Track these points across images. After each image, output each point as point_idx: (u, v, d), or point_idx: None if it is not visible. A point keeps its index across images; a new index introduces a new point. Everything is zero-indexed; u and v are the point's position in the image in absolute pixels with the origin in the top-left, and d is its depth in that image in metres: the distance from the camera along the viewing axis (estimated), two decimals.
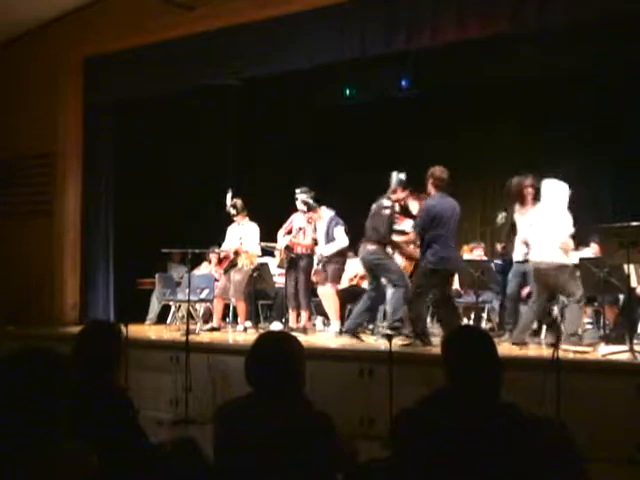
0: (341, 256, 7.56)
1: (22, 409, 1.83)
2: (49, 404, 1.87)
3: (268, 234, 8.20)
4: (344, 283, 8.27)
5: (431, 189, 6.36)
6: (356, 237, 7.60)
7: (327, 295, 7.46)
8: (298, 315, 7.78)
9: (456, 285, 7.73)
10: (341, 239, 7.49)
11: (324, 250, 7.52)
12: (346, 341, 6.82)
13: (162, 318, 8.88)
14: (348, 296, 8.12)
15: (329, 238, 7.49)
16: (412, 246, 7.09)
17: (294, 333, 5.35)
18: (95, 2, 8.68)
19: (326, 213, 7.62)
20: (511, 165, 9.53)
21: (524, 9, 6.37)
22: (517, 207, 6.93)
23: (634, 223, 5.70)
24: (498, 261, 7.90)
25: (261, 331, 6.67)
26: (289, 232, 7.85)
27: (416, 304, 6.29)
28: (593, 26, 7.19)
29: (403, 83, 9.76)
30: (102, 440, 2.17)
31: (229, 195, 8.16)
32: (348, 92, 10.25)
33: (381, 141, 10.07)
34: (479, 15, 6.56)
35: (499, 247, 8.01)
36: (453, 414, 2.17)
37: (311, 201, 7.63)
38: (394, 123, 9.95)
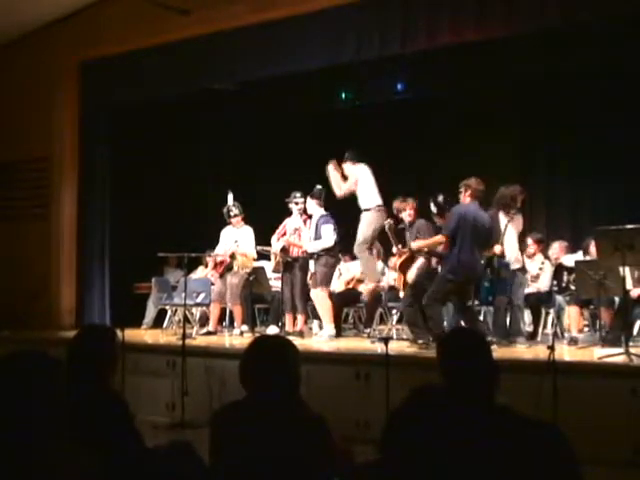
0: (330, 258, 7.43)
1: (16, 412, 1.83)
2: (43, 407, 1.86)
3: (263, 239, 8.20)
4: (341, 286, 8.27)
5: (465, 198, 6.31)
6: (351, 240, 7.57)
7: (318, 298, 7.42)
8: (294, 319, 7.77)
9: None
10: (327, 238, 7.33)
11: (310, 247, 7.49)
12: (341, 344, 6.80)
13: (158, 322, 8.86)
14: (344, 299, 8.11)
15: (317, 236, 7.42)
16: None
17: (290, 337, 5.36)
18: (91, 6, 8.69)
19: (317, 211, 7.58)
20: (508, 169, 9.56)
21: (519, 13, 6.39)
22: (504, 215, 6.70)
23: (630, 226, 5.72)
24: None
25: (257, 335, 6.66)
26: (283, 236, 7.83)
27: (431, 308, 6.26)
28: (591, 29, 7.21)
29: (399, 87, 9.78)
30: (98, 444, 2.17)
31: (230, 196, 8.16)
32: (344, 96, 10.25)
33: (377, 144, 10.06)
34: (474, 19, 6.58)
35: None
36: (447, 416, 2.17)
37: None
38: (390, 126, 9.95)
